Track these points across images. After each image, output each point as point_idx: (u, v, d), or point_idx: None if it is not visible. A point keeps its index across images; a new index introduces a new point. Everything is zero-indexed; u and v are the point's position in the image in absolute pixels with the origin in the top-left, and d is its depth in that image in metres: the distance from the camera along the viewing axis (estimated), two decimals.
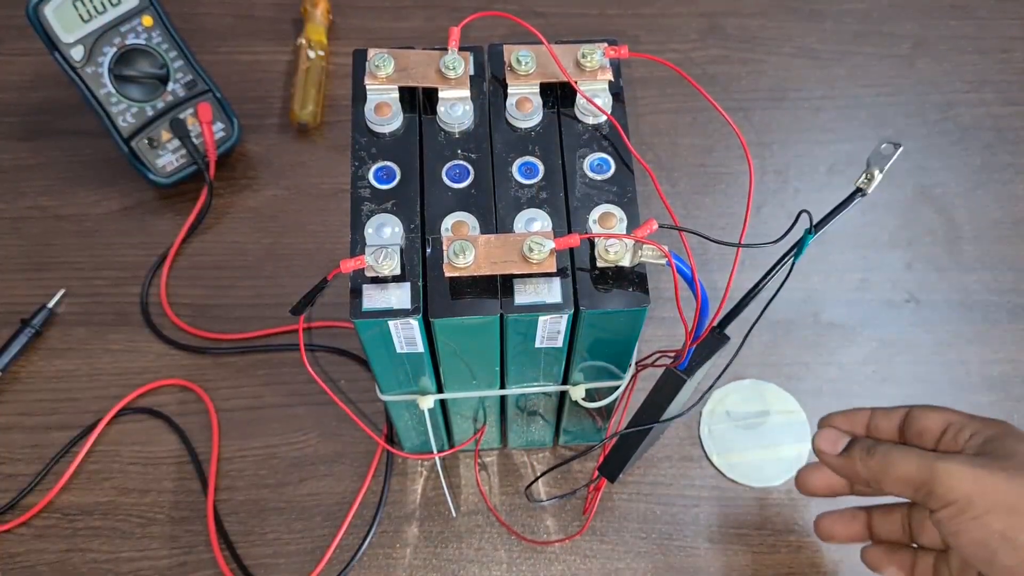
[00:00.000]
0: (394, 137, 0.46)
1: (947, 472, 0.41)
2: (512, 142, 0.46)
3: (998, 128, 0.76)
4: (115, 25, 0.66)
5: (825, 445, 0.47)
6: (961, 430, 0.45)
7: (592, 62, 0.45)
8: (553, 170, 0.45)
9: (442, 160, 0.45)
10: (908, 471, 0.43)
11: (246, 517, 0.60)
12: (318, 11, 0.78)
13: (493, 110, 0.47)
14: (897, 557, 0.51)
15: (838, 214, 0.43)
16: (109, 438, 0.63)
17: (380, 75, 0.45)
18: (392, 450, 0.61)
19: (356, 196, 0.44)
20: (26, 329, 0.65)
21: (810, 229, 0.42)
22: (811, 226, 0.42)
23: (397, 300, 0.41)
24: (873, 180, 0.42)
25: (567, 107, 0.47)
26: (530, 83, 0.46)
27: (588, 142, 0.46)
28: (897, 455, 0.44)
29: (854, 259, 0.70)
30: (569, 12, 0.81)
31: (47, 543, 0.59)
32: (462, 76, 0.45)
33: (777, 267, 0.43)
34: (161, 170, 0.69)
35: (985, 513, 0.40)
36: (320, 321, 0.66)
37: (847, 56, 0.80)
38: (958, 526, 0.41)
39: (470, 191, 0.44)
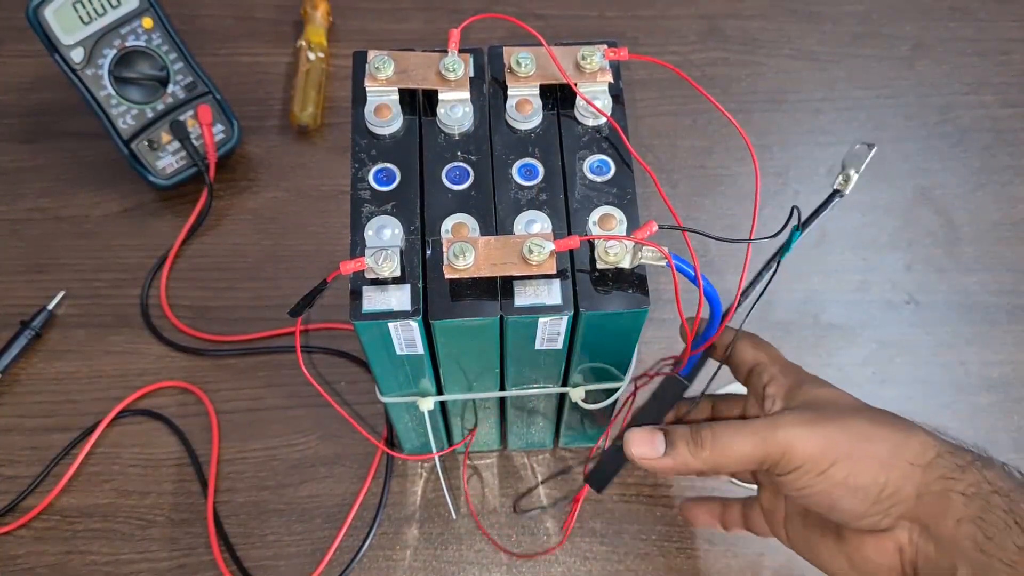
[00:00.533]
0: (394, 139, 0.46)
1: (788, 439, 0.40)
2: (512, 144, 0.46)
3: (997, 130, 0.76)
4: (115, 27, 0.66)
5: (642, 449, 0.43)
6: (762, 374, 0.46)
7: (592, 64, 0.45)
8: (553, 172, 0.45)
9: (442, 162, 0.45)
10: (746, 450, 0.41)
11: (246, 519, 0.60)
12: (318, 13, 0.78)
13: (493, 112, 0.47)
14: (707, 506, 0.53)
15: (819, 215, 0.43)
16: (109, 440, 0.63)
17: (380, 77, 0.45)
18: (391, 452, 0.61)
19: (356, 198, 0.44)
20: (26, 331, 0.65)
21: (797, 226, 0.42)
22: (799, 222, 0.42)
23: (397, 302, 0.41)
24: (850, 181, 0.42)
25: (567, 109, 0.47)
26: (530, 85, 0.46)
27: (588, 144, 0.46)
28: (728, 436, 0.42)
29: (854, 260, 0.70)
30: (568, 14, 0.81)
31: (47, 545, 0.59)
32: (462, 78, 0.45)
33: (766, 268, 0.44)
34: (161, 172, 0.69)
35: (830, 466, 0.40)
36: (320, 323, 0.66)
37: (846, 58, 0.80)
38: (805, 483, 0.41)
39: (470, 193, 0.44)
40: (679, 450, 0.42)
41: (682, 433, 0.43)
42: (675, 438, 0.43)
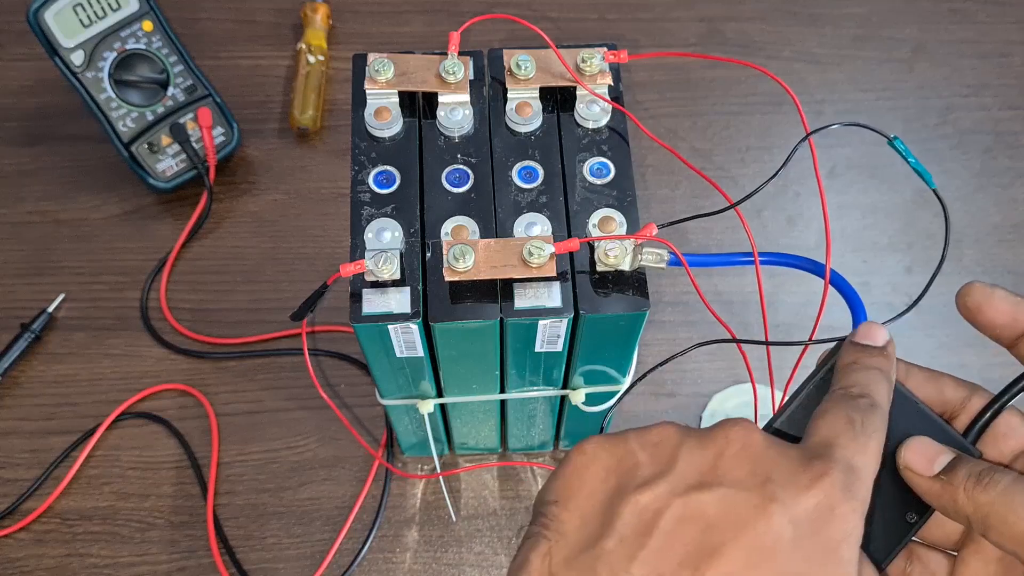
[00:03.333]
0: (394, 141, 0.46)
1: None
2: (512, 146, 0.46)
3: (997, 132, 0.76)
4: (115, 30, 0.66)
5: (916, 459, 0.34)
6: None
7: (592, 66, 0.45)
8: (553, 174, 0.45)
9: (442, 164, 0.45)
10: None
11: (246, 522, 0.60)
12: (318, 16, 0.78)
13: (493, 114, 0.47)
14: None
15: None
16: (109, 443, 0.63)
17: (380, 80, 0.45)
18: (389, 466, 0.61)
19: (356, 200, 0.44)
20: (26, 334, 0.65)
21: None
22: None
23: (397, 304, 0.41)
24: None
25: (567, 111, 0.47)
26: (530, 87, 0.46)
27: (588, 146, 0.46)
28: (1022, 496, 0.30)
29: (854, 263, 0.70)
30: (568, 16, 0.81)
31: (46, 548, 0.59)
32: (462, 80, 0.45)
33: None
34: (161, 175, 0.69)
35: None
36: (320, 325, 0.66)
37: (847, 60, 0.80)
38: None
39: (470, 195, 0.44)
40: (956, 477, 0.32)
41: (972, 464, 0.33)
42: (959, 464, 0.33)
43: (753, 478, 0.29)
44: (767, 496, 0.28)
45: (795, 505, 0.28)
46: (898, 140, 0.38)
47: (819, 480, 0.28)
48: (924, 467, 0.34)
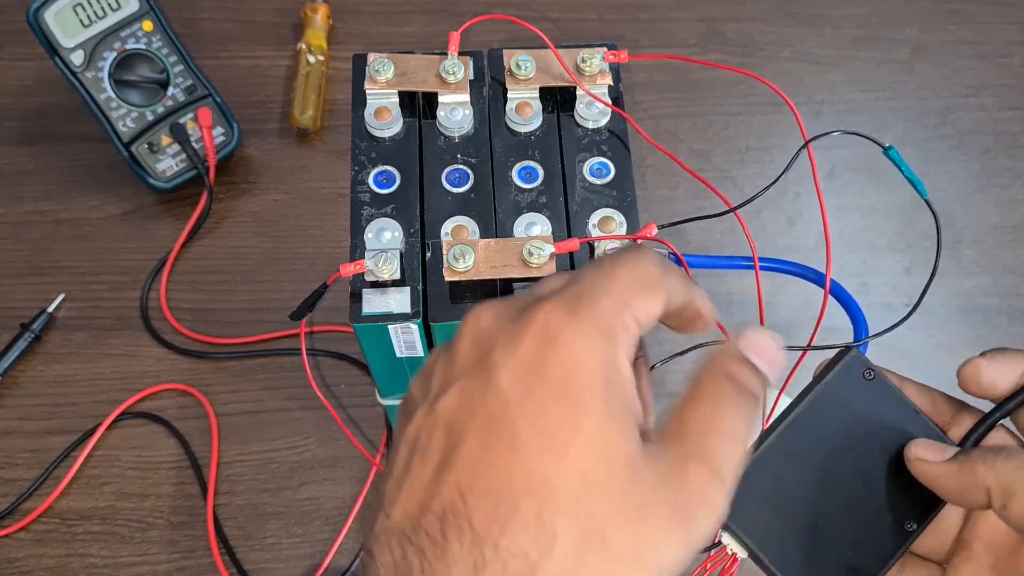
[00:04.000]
0: (394, 141, 0.46)
1: None
2: (512, 146, 0.46)
3: (997, 132, 0.76)
4: (115, 30, 0.66)
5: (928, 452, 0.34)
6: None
7: (592, 67, 0.45)
8: (553, 174, 0.45)
9: (442, 164, 0.45)
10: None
11: (245, 522, 0.60)
12: (318, 16, 0.78)
13: (493, 114, 0.47)
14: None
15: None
16: (108, 443, 0.63)
17: (380, 80, 0.45)
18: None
19: (356, 200, 0.44)
20: (25, 333, 0.65)
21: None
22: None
23: (397, 304, 0.41)
24: None
25: (567, 111, 0.47)
26: (530, 87, 0.46)
27: (588, 146, 0.46)
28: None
29: (853, 263, 0.70)
30: (568, 17, 0.81)
31: (46, 548, 0.59)
32: (462, 80, 0.45)
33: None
34: (161, 175, 0.69)
35: None
36: (320, 325, 0.66)
37: (846, 61, 0.80)
38: None
39: (470, 195, 0.44)
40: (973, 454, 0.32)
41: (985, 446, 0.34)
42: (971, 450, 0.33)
43: (478, 358, 0.26)
44: (488, 367, 0.26)
45: (513, 358, 0.26)
46: (893, 150, 0.38)
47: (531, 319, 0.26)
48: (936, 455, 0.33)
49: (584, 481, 0.25)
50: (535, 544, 0.24)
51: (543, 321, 0.26)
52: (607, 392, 0.25)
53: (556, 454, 0.25)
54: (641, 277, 0.27)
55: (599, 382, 0.25)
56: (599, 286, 0.27)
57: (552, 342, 0.25)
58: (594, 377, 0.25)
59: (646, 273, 0.27)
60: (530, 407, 0.25)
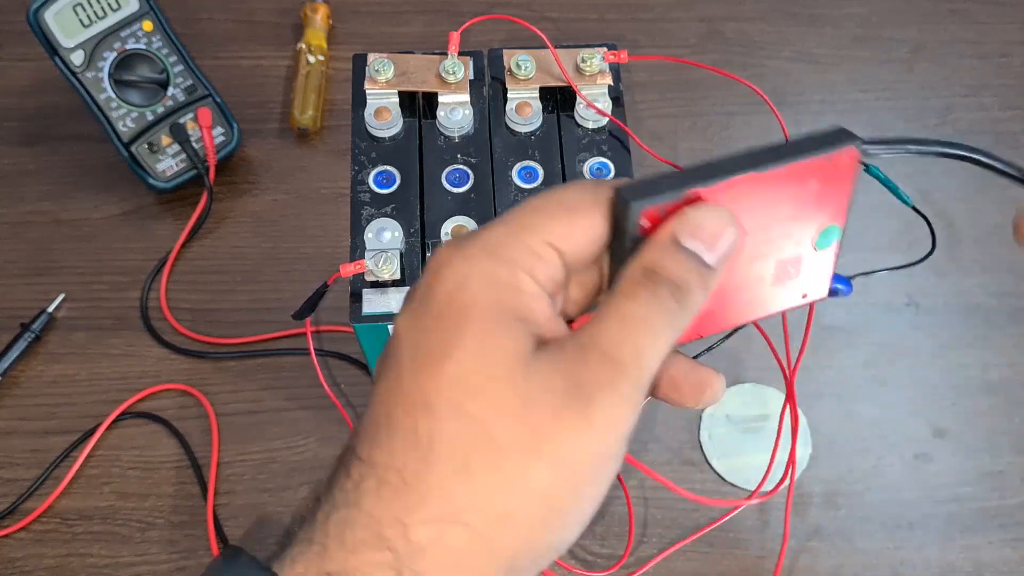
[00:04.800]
0: (394, 141, 0.46)
1: None
2: (512, 146, 0.46)
3: (997, 132, 0.76)
4: (115, 30, 0.66)
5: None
6: None
7: (592, 66, 0.45)
8: (553, 174, 0.45)
9: (442, 164, 0.45)
10: None
11: (246, 522, 0.60)
12: (318, 16, 0.78)
13: (493, 114, 0.47)
14: None
15: None
16: (109, 442, 0.63)
17: (380, 80, 0.45)
18: None
19: (356, 200, 0.44)
20: (26, 334, 0.65)
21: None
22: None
23: (397, 304, 0.41)
24: None
25: (567, 111, 0.47)
26: (530, 87, 0.46)
27: (588, 146, 0.46)
28: None
29: (854, 261, 0.70)
30: (568, 17, 0.82)
31: (46, 548, 0.59)
32: (462, 81, 0.45)
33: None
34: (161, 175, 0.69)
35: None
36: (320, 325, 0.66)
37: (846, 61, 0.80)
38: None
39: (470, 195, 0.44)
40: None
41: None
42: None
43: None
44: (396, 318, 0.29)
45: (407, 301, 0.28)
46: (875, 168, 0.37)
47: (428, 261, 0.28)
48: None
49: (463, 388, 0.25)
50: (412, 456, 0.25)
51: (434, 258, 0.27)
52: (494, 306, 0.26)
53: (433, 370, 0.25)
54: (551, 200, 0.27)
55: (485, 299, 0.26)
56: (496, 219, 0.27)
57: (436, 274, 0.26)
58: (478, 295, 0.26)
59: (561, 198, 0.27)
60: (413, 336, 0.26)
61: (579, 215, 0.27)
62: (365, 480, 0.26)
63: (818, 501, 0.61)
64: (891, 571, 0.59)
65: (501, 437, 0.25)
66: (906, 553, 0.60)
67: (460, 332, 0.26)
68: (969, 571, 0.59)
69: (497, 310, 0.26)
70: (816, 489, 0.62)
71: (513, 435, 0.25)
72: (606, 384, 0.25)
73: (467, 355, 0.25)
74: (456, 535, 0.25)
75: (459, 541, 0.25)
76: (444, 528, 0.25)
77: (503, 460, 0.25)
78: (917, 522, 0.61)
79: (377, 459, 0.26)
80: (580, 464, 0.26)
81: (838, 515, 0.61)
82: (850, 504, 0.61)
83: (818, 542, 0.60)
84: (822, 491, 0.62)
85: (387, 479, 0.25)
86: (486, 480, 0.25)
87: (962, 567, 0.60)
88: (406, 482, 0.25)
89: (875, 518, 0.61)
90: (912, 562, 0.60)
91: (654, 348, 0.26)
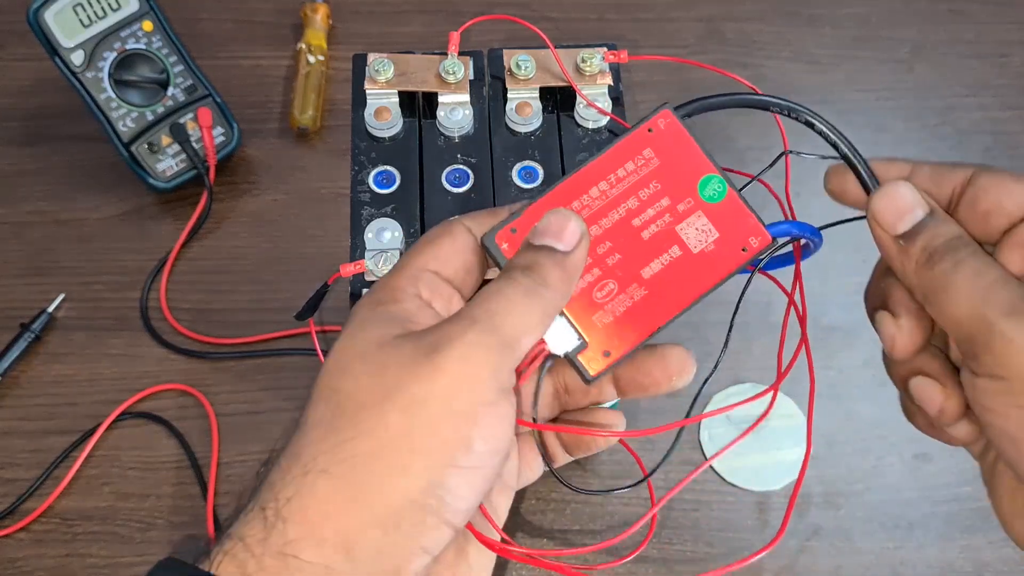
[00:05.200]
0: (394, 141, 0.46)
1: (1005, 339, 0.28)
2: (512, 146, 0.46)
3: (996, 132, 0.76)
4: (115, 30, 0.66)
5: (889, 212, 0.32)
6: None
7: (591, 67, 0.45)
8: (553, 174, 0.45)
9: (442, 164, 0.45)
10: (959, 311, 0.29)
11: None
12: (318, 16, 0.78)
13: (493, 114, 0.47)
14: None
15: None
16: (108, 443, 0.63)
17: (380, 80, 0.45)
18: None
19: (356, 200, 0.44)
20: (25, 334, 0.65)
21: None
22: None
23: None
24: None
25: (567, 111, 0.47)
26: (530, 87, 0.46)
27: (588, 146, 0.46)
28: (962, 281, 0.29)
29: (854, 262, 0.70)
30: (568, 17, 0.82)
31: (46, 548, 0.59)
32: (462, 80, 0.45)
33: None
34: (161, 175, 0.69)
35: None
36: (319, 326, 0.66)
37: (845, 61, 0.80)
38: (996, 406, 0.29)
39: (470, 195, 0.44)
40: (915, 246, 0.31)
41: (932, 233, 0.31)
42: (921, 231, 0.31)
43: None
44: None
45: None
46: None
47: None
48: (891, 223, 0.32)
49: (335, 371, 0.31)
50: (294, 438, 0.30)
51: None
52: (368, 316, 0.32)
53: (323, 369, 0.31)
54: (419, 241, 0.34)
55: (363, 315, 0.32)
56: None
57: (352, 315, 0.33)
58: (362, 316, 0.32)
59: (425, 235, 0.34)
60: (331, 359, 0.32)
61: (438, 243, 0.33)
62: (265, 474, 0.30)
63: (818, 501, 0.61)
64: (891, 571, 0.59)
65: (359, 396, 0.29)
66: (906, 553, 0.60)
67: (342, 334, 0.32)
68: (969, 571, 0.59)
69: (373, 313, 0.32)
70: (816, 489, 0.62)
71: (369, 393, 0.29)
72: (455, 335, 0.29)
73: (339, 349, 0.31)
74: (320, 484, 0.28)
75: (323, 489, 0.28)
76: (307, 479, 0.29)
77: (361, 412, 0.29)
78: (917, 522, 0.61)
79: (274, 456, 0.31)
80: (434, 407, 0.29)
81: (838, 515, 0.61)
82: (850, 504, 0.61)
83: (818, 542, 0.60)
84: (822, 491, 0.62)
85: (276, 463, 0.30)
86: (345, 433, 0.29)
87: (962, 567, 0.60)
88: (286, 458, 0.30)
89: (875, 518, 0.61)
90: (912, 562, 0.60)
91: (508, 310, 0.30)
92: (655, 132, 0.32)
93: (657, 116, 0.32)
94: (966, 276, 0.29)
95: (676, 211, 0.32)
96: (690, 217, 0.32)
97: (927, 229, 0.31)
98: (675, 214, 0.32)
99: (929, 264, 0.30)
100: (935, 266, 0.30)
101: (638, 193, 0.32)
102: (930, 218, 0.31)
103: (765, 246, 0.34)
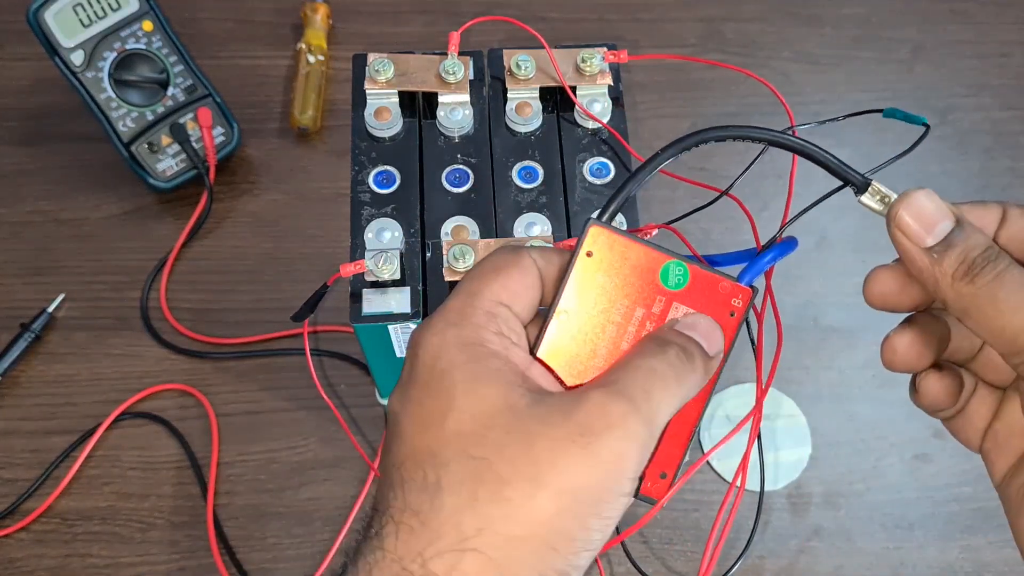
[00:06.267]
0: (394, 141, 0.46)
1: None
2: (512, 146, 0.46)
3: (996, 132, 0.76)
4: (115, 30, 0.66)
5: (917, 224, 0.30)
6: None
7: (592, 67, 0.45)
8: (553, 174, 0.45)
9: (442, 164, 0.45)
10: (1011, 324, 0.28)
11: (246, 522, 0.60)
12: (318, 16, 0.78)
13: (493, 114, 0.47)
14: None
15: None
16: (109, 443, 0.63)
17: (380, 80, 0.45)
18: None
19: (356, 200, 0.44)
20: (26, 334, 0.65)
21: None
22: None
23: (397, 304, 0.41)
24: None
25: (567, 111, 0.47)
26: (530, 87, 0.46)
27: (588, 146, 0.46)
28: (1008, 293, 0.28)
29: (854, 263, 0.70)
30: (569, 17, 0.82)
31: (47, 548, 0.59)
32: (462, 80, 0.45)
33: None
34: (161, 175, 0.69)
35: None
36: (320, 325, 0.66)
37: (846, 61, 0.80)
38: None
39: (470, 195, 0.44)
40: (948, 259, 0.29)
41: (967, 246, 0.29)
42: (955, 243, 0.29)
43: None
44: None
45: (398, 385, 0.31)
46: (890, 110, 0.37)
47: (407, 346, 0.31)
48: (920, 235, 0.30)
49: (465, 439, 0.28)
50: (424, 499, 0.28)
51: (409, 341, 0.30)
52: (473, 364, 0.29)
53: (436, 430, 0.28)
54: (487, 267, 0.31)
55: (461, 360, 0.29)
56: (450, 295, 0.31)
57: (414, 353, 0.30)
58: (454, 359, 0.29)
59: (493, 263, 0.31)
60: (408, 408, 0.29)
61: (507, 274, 0.31)
62: (385, 527, 0.28)
63: (818, 501, 0.61)
64: (891, 571, 0.59)
65: (504, 470, 0.27)
66: (906, 553, 0.60)
67: (450, 394, 0.28)
68: (969, 571, 0.59)
69: (479, 367, 0.29)
70: (816, 489, 0.62)
71: (515, 468, 0.27)
72: (613, 421, 0.28)
73: (461, 411, 0.28)
74: (469, 562, 0.27)
75: (472, 567, 0.27)
76: (458, 556, 0.27)
77: (507, 489, 0.27)
78: (917, 522, 0.61)
79: (393, 508, 0.28)
80: (583, 495, 0.28)
81: (838, 515, 0.61)
82: (850, 504, 0.61)
83: (818, 542, 0.60)
84: (822, 491, 0.62)
85: (404, 521, 0.28)
86: (493, 509, 0.27)
87: (962, 567, 0.60)
88: (422, 522, 0.28)
89: (875, 518, 0.61)
90: (912, 562, 0.60)
91: (663, 395, 0.29)
92: (594, 254, 0.32)
93: (586, 236, 0.31)
94: (1012, 289, 0.28)
95: (653, 315, 0.32)
96: (669, 313, 0.32)
97: (960, 240, 0.29)
98: (655, 318, 0.32)
99: (969, 276, 0.29)
100: (976, 279, 0.28)
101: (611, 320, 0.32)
102: (959, 229, 0.29)
103: (749, 298, 0.34)
